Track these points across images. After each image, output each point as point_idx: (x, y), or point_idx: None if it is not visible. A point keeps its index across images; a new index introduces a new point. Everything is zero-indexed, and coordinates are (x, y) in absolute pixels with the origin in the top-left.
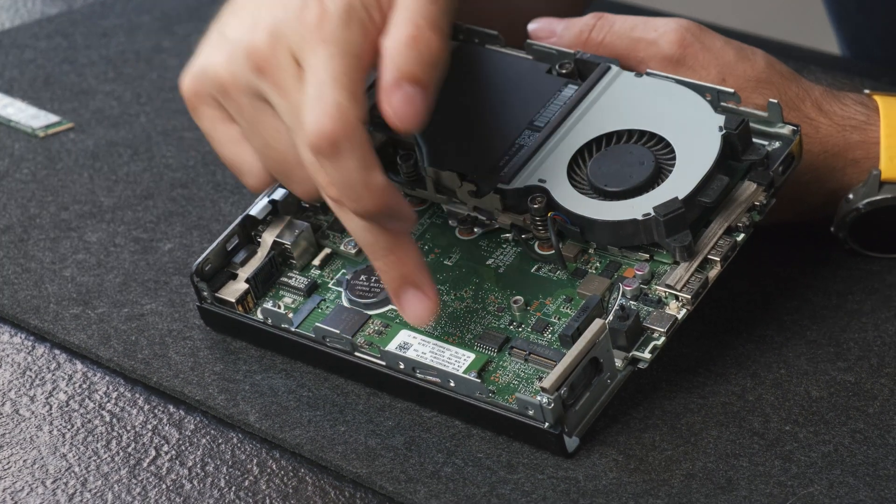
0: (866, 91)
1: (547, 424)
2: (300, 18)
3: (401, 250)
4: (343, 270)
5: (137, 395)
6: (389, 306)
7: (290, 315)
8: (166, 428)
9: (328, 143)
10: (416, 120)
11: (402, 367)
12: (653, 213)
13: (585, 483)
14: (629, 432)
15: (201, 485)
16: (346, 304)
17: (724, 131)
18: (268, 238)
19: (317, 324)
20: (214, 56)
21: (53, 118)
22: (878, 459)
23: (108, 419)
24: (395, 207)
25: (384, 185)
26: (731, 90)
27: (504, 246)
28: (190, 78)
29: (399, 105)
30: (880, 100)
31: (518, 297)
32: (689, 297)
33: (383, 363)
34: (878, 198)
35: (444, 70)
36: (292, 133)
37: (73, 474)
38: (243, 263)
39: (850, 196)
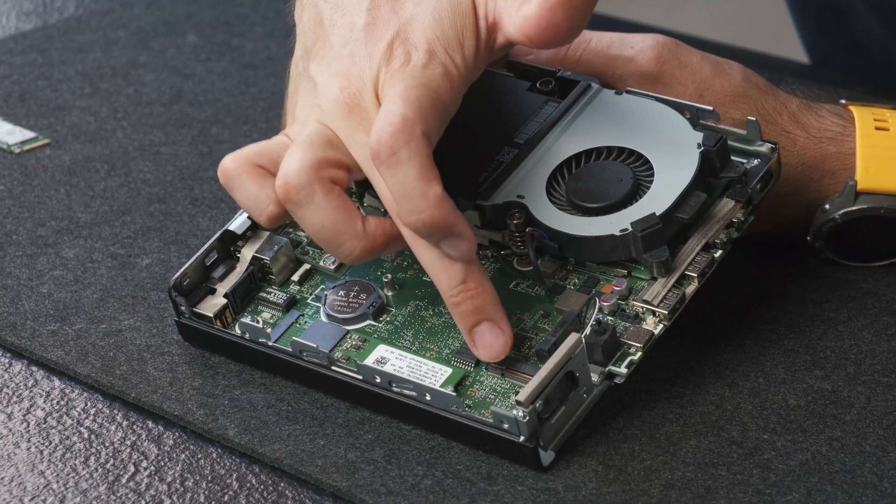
0: (842, 101)
1: (522, 438)
2: (386, 65)
3: (475, 281)
4: (322, 286)
5: (116, 411)
6: (367, 321)
7: (268, 330)
8: (145, 444)
9: (387, 149)
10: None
11: (378, 380)
12: (630, 229)
13: (565, 494)
14: (608, 443)
15: (181, 500)
16: (324, 319)
17: (702, 148)
18: (247, 253)
19: (294, 338)
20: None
21: (29, 134)
22: (855, 467)
23: (86, 435)
24: (453, 223)
25: (441, 197)
26: (710, 108)
27: (483, 262)
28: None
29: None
30: (856, 110)
31: None
32: (667, 312)
33: (360, 377)
34: (854, 208)
35: None
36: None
37: (51, 491)
38: (222, 278)
39: (827, 206)
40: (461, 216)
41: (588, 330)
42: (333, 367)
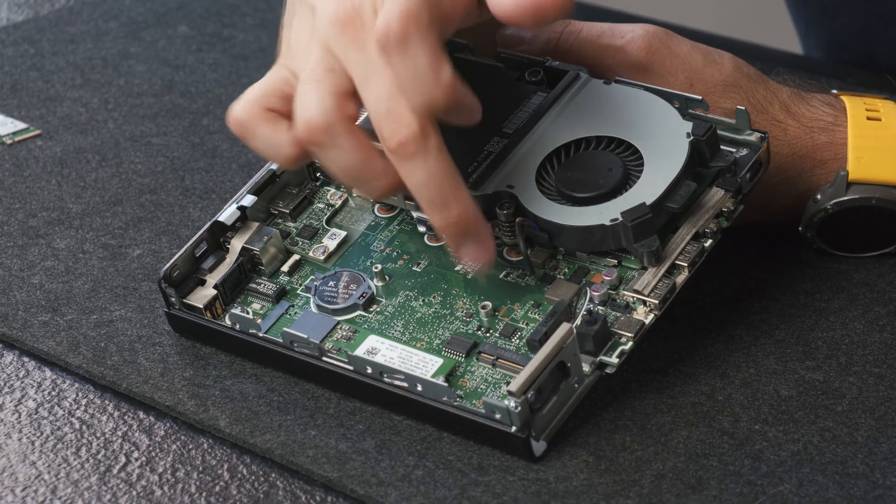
0: (833, 91)
1: (514, 428)
2: None
3: (460, 199)
4: (312, 276)
5: (107, 402)
6: (357, 312)
7: (259, 321)
8: (136, 434)
9: (397, 37)
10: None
11: (369, 371)
12: (620, 219)
13: (556, 484)
14: (599, 433)
15: (172, 491)
16: (314, 309)
17: (691, 138)
18: (236, 244)
19: (285, 329)
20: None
21: (20, 125)
22: (846, 457)
23: (77, 426)
24: (463, 98)
25: (454, 79)
26: (699, 97)
27: None
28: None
29: None
30: (847, 100)
31: (486, 303)
32: (657, 302)
33: (351, 368)
34: (846, 198)
35: None
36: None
37: (42, 482)
38: (212, 269)
39: (818, 197)
40: (469, 91)
41: (579, 320)
42: (324, 358)
